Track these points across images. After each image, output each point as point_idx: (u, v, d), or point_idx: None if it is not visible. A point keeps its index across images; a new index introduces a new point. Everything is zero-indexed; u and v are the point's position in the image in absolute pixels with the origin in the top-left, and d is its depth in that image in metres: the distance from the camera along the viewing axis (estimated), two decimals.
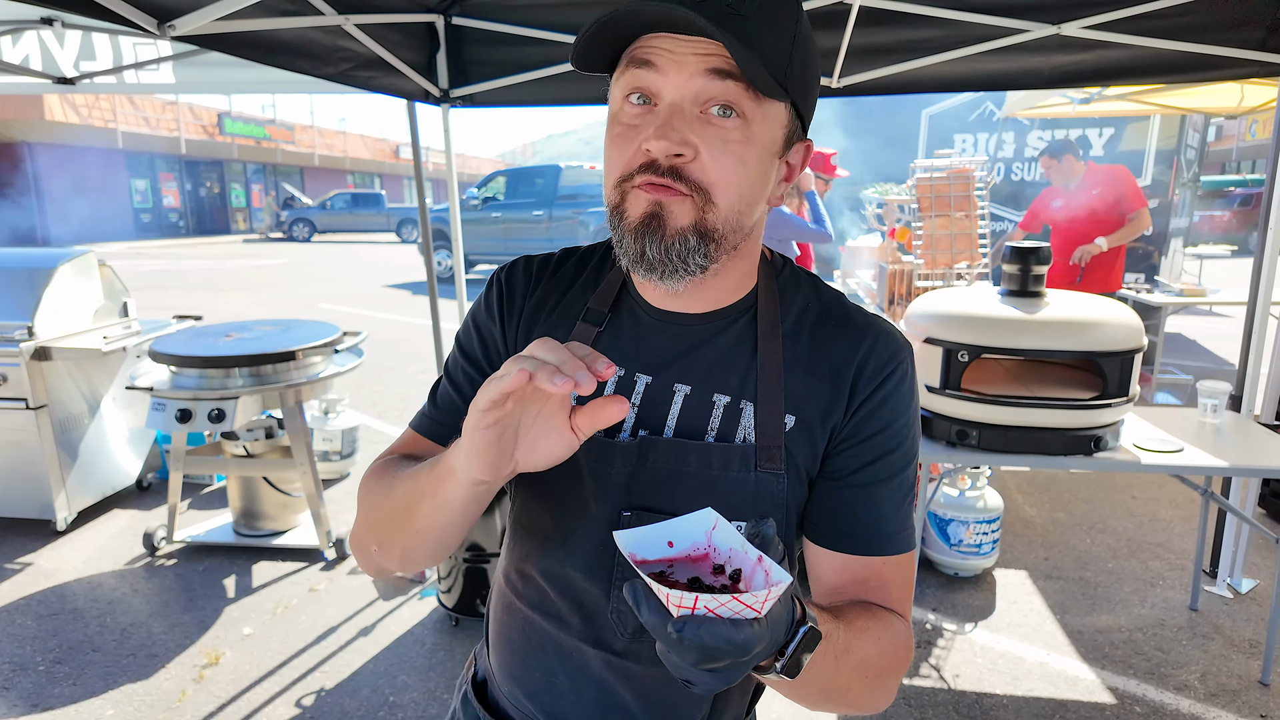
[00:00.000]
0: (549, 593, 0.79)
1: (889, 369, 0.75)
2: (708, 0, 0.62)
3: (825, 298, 0.80)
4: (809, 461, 0.75)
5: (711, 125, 0.65)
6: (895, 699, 2.38)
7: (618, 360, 0.75)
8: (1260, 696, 2.44)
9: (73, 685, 2.54)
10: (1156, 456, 2.40)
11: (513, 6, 2.86)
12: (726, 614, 0.48)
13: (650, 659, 0.76)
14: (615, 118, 0.68)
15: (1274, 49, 2.67)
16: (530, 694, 0.82)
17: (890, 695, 0.73)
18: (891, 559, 0.74)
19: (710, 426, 0.74)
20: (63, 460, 3.56)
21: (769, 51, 0.64)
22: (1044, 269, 2.52)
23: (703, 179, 0.65)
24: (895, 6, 2.62)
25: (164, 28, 1.57)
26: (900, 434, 0.75)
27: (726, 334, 0.77)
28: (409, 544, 0.73)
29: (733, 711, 0.83)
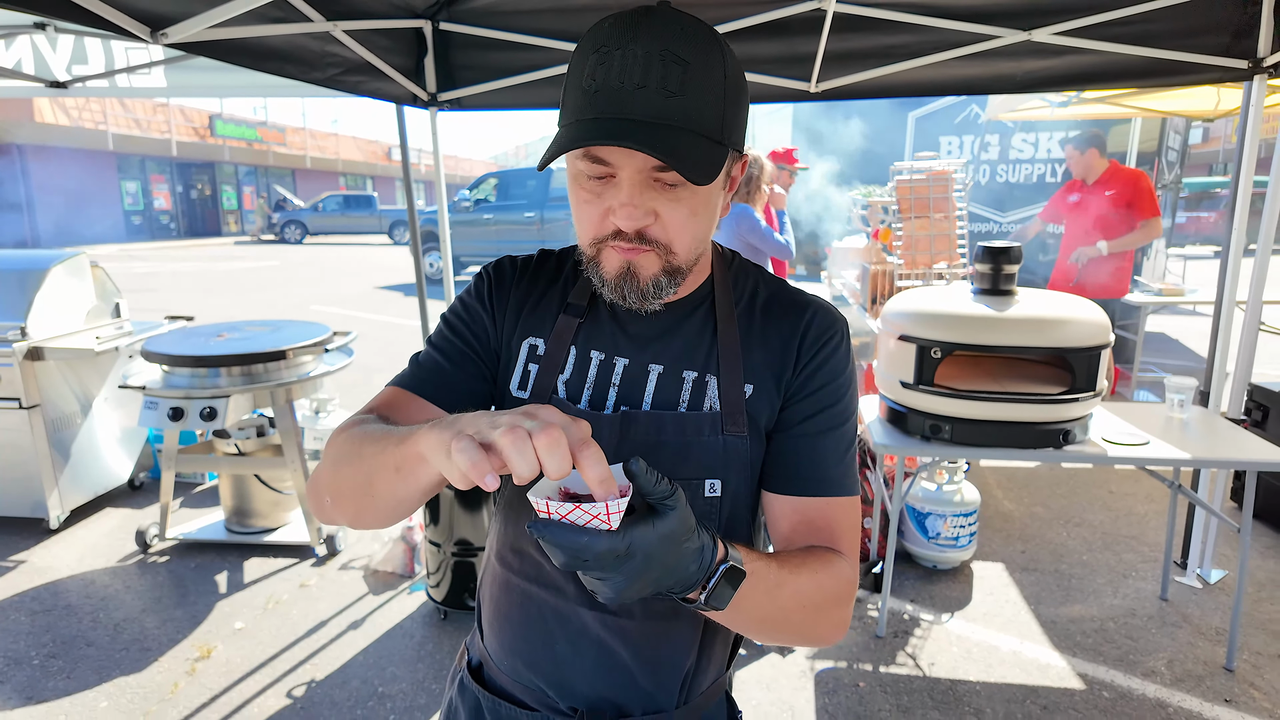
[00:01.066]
0: (544, 564, 0.87)
1: (828, 335, 0.88)
2: (647, 88, 0.70)
3: (770, 283, 0.93)
4: (769, 423, 0.86)
5: (665, 191, 0.76)
6: (871, 685, 2.46)
7: (598, 347, 0.88)
8: (1225, 681, 2.52)
9: (67, 679, 2.58)
10: (1123, 449, 2.48)
11: (499, 13, 2.92)
12: (579, 520, 0.59)
13: (643, 614, 0.85)
14: (578, 183, 0.78)
15: (1237, 55, 2.75)
16: (531, 664, 0.89)
17: (836, 627, 0.82)
18: (835, 500, 0.84)
19: (681, 399, 0.86)
20: (55, 459, 3.60)
21: (705, 119, 0.73)
22: (1015, 268, 2.59)
23: (663, 237, 0.77)
24: (870, 13, 2.69)
25: (157, 35, 1.62)
26: (839, 391, 0.87)
27: (691, 319, 0.88)
28: (364, 506, 0.77)
29: (716, 663, 0.93)
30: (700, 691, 0.91)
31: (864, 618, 2.91)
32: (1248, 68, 2.75)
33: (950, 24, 2.74)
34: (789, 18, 2.72)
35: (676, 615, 0.86)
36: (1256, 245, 2.71)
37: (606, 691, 0.87)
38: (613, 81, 0.70)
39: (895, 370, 2.58)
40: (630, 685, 0.87)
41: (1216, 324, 2.99)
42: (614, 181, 0.75)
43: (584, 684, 0.87)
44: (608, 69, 0.71)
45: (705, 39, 0.73)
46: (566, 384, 0.88)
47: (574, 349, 0.88)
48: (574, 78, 0.75)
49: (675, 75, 0.70)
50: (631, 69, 0.70)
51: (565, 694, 0.88)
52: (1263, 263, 2.89)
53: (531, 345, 0.90)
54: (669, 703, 0.89)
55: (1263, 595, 3.03)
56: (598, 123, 0.71)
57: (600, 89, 0.71)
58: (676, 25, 0.72)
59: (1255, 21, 2.69)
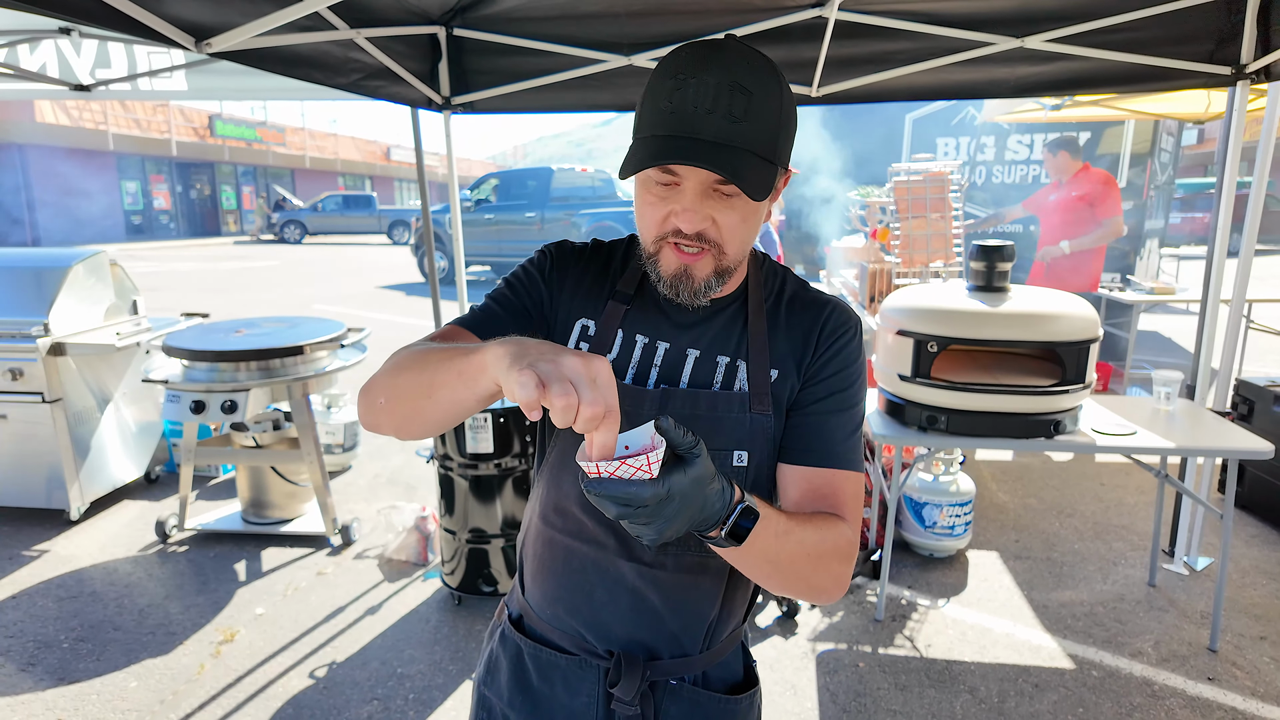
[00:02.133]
0: (586, 523, 0.97)
1: (843, 330, 0.99)
2: (715, 113, 0.81)
3: (795, 283, 1.05)
4: (789, 403, 0.98)
5: (722, 200, 0.87)
6: (870, 666, 2.57)
7: (643, 332, 1.00)
8: (1208, 661, 2.63)
9: (96, 660, 2.68)
10: (1111, 439, 2.59)
11: (511, 19, 3.02)
12: (624, 474, 0.68)
13: (674, 567, 0.96)
14: (646, 186, 0.89)
15: (1221, 61, 2.87)
16: (572, 611, 1.00)
17: (837, 581, 0.91)
18: (841, 473, 0.94)
19: (715, 380, 0.97)
20: (75, 453, 3.70)
21: (763, 143, 0.84)
22: (1008, 265, 2.70)
23: (718, 239, 0.89)
24: (869, 20, 2.80)
25: (201, 45, 1.73)
26: (850, 378, 0.99)
27: (725, 311, 1.00)
28: (419, 408, 0.85)
29: (735, 616, 1.05)
30: (721, 639, 1.03)
31: (863, 603, 3.02)
32: (1231, 73, 2.86)
33: (946, 31, 2.85)
34: (792, 25, 2.83)
35: (704, 569, 0.97)
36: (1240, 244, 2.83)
37: (639, 634, 0.98)
38: (687, 106, 0.81)
39: (893, 364, 2.69)
40: (660, 630, 0.98)
41: (1202, 321, 3.10)
42: (678, 188, 0.86)
43: (619, 627, 0.98)
44: (683, 94, 0.82)
45: (767, 72, 0.84)
46: (614, 361, 0.98)
47: (621, 332, 0.99)
48: (651, 97, 0.86)
49: (740, 103, 0.81)
50: (703, 96, 0.81)
51: (602, 637, 0.99)
52: (1246, 261, 3.01)
53: (584, 325, 1.01)
54: (694, 648, 1.00)
55: (1246, 581, 3.15)
56: (672, 140, 0.82)
57: (675, 111, 0.82)
58: (743, 60, 0.83)
59: (1238, 29, 2.81)
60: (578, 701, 1.00)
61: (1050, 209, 4.92)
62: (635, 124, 0.89)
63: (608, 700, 0.98)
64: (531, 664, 1.03)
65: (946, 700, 2.45)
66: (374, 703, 2.47)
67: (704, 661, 1.01)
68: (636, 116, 0.89)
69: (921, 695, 2.47)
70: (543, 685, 1.02)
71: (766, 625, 2.87)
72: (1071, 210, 4.73)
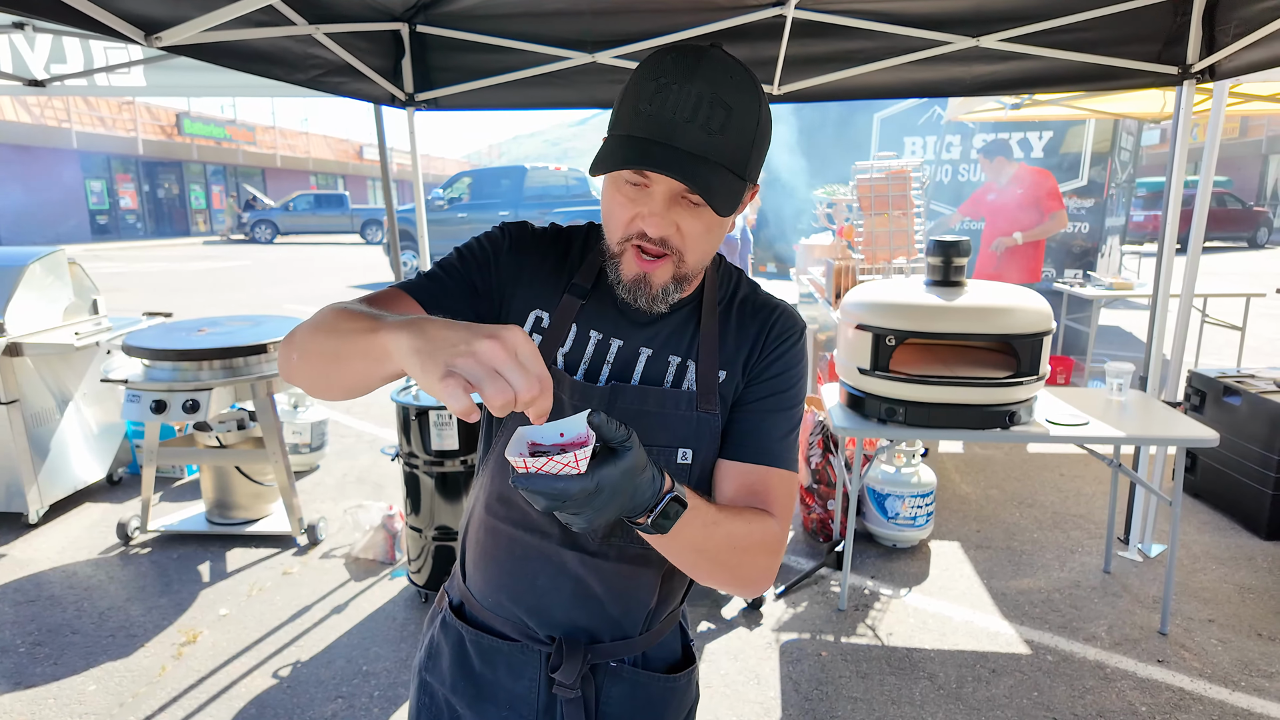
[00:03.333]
0: (529, 513, 0.97)
1: (788, 334, 1.02)
2: (694, 123, 0.81)
3: (748, 286, 1.07)
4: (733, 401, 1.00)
5: (690, 208, 0.87)
6: (833, 655, 2.61)
7: (597, 328, 0.99)
8: (1158, 644, 2.71)
9: (54, 665, 2.64)
10: (1064, 429, 2.66)
11: (474, 16, 3.02)
12: (553, 470, 0.69)
13: (617, 556, 0.98)
14: (616, 185, 0.89)
15: (1168, 61, 2.95)
16: (514, 598, 1.01)
17: (764, 573, 0.94)
18: (774, 470, 0.96)
19: (665, 378, 0.99)
20: (34, 455, 3.63)
21: (736, 158, 0.85)
22: (964, 260, 2.76)
23: (680, 246, 0.89)
24: (827, 19, 2.85)
25: (151, 39, 1.71)
26: (790, 380, 1.01)
27: (681, 312, 1.01)
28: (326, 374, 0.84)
29: (675, 598, 1.08)
30: (659, 621, 1.06)
31: (827, 593, 3.07)
32: (1177, 73, 2.95)
33: (903, 30, 2.90)
34: (751, 24, 2.86)
35: (646, 561, 0.99)
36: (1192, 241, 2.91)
37: (580, 620, 1.00)
38: (666, 112, 0.81)
39: (853, 358, 2.73)
40: (601, 615, 1.00)
41: (1153, 315, 3.18)
42: (648, 191, 0.87)
43: (561, 613, 1.00)
44: (663, 99, 0.82)
45: (749, 89, 0.85)
46: (565, 356, 0.99)
47: (575, 327, 0.99)
48: (631, 97, 0.85)
49: (719, 117, 0.82)
50: (683, 104, 0.81)
51: (544, 623, 1.00)
52: (1194, 256, 3.10)
53: (538, 317, 1.00)
54: (634, 630, 1.02)
55: (1197, 566, 3.24)
56: (648, 144, 0.82)
57: (654, 115, 0.82)
58: (727, 73, 0.83)
59: (1185, 30, 2.89)
60: (520, 685, 1.02)
61: (994, 208, 5.16)
62: (612, 119, 0.89)
63: (549, 684, 1.00)
64: (474, 650, 1.04)
65: (906, 687, 2.50)
66: (338, 700, 2.46)
67: (643, 643, 1.04)
68: (614, 112, 0.88)
69: (882, 682, 2.52)
70: (485, 670, 1.03)
71: (732, 616, 2.91)
72: (1018, 207, 4.98)
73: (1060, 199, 4.97)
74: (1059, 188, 5.07)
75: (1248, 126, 25.12)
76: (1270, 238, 19.79)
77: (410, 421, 2.88)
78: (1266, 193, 25.55)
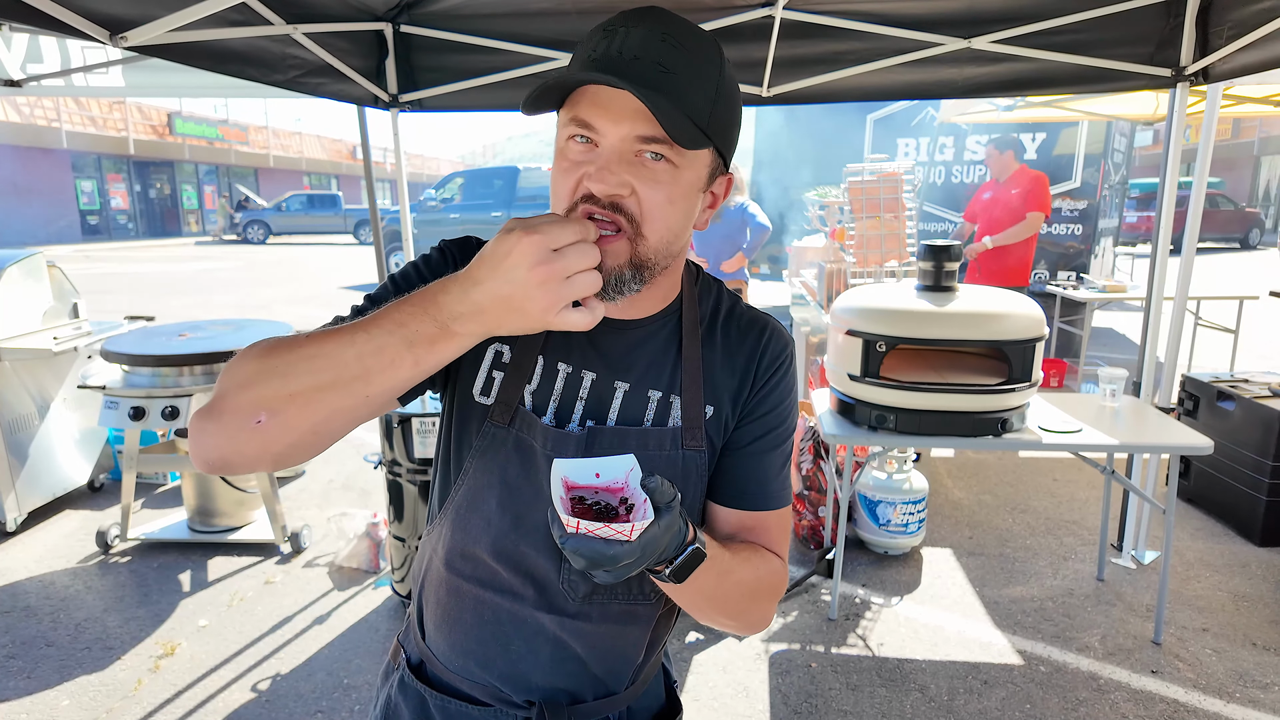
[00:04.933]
0: (500, 571, 0.88)
1: (780, 360, 0.93)
2: (642, 60, 0.73)
3: (728, 298, 0.96)
4: (723, 441, 0.92)
5: (645, 167, 0.75)
6: (822, 666, 2.57)
7: (565, 360, 0.88)
8: (1152, 654, 2.67)
9: (27, 679, 2.58)
10: (1057, 436, 2.62)
11: (459, 16, 2.97)
12: (605, 535, 0.67)
13: (599, 617, 0.89)
14: (562, 153, 0.78)
15: (1161, 63, 2.91)
16: (485, 664, 0.91)
17: (764, 618, 0.91)
18: (772, 512, 0.92)
19: (646, 416, 0.89)
20: (11, 461, 3.57)
21: (694, 104, 0.75)
22: (955, 265, 2.71)
23: (636, 213, 0.76)
24: (817, 20, 2.80)
25: (116, 39, 1.66)
26: (785, 412, 0.93)
27: (657, 337, 0.90)
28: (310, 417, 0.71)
29: (660, 647, 1.01)
30: (643, 673, 0.99)
31: (817, 602, 3.02)
32: (1171, 75, 2.91)
33: (894, 31, 2.87)
34: (740, 24, 2.82)
35: (632, 618, 0.92)
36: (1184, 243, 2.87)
37: (561, 682, 0.91)
38: (612, 52, 0.73)
39: (843, 364, 2.69)
40: (584, 676, 0.92)
41: (1146, 318, 3.15)
42: (595, 150, 0.76)
43: (539, 677, 0.91)
44: (609, 43, 0.74)
45: (706, 40, 0.77)
46: (534, 394, 0.88)
47: (541, 360, 0.88)
48: (579, 50, 0.78)
49: (670, 56, 0.73)
50: (633, 44, 0.73)
51: (520, 688, 0.91)
52: (1188, 260, 3.07)
53: (498, 351, 0.89)
54: (619, 687, 0.95)
55: (1191, 574, 3.21)
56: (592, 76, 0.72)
57: (599, 58, 0.74)
58: (681, 21, 0.76)
59: (1178, 32, 2.86)
60: None
61: (986, 206, 5.13)
62: None
63: None
64: (439, 715, 0.94)
65: (897, 699, 2.46)
66: (318, 715, 2.41)
67: (628, 697, 0.97)
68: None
69: (872, 695, 2.48)
70: None
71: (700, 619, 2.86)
72: (1006, 207, 4.93)
73: (1042, 201, 4.89)
74: (1049, 191, 5.02)
75: (1240, 128, 25.20)
76: (1263, 239, 19.84)
77: (393, 429, 2.82)
78: (1259, 194, 25.64)
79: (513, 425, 0.87)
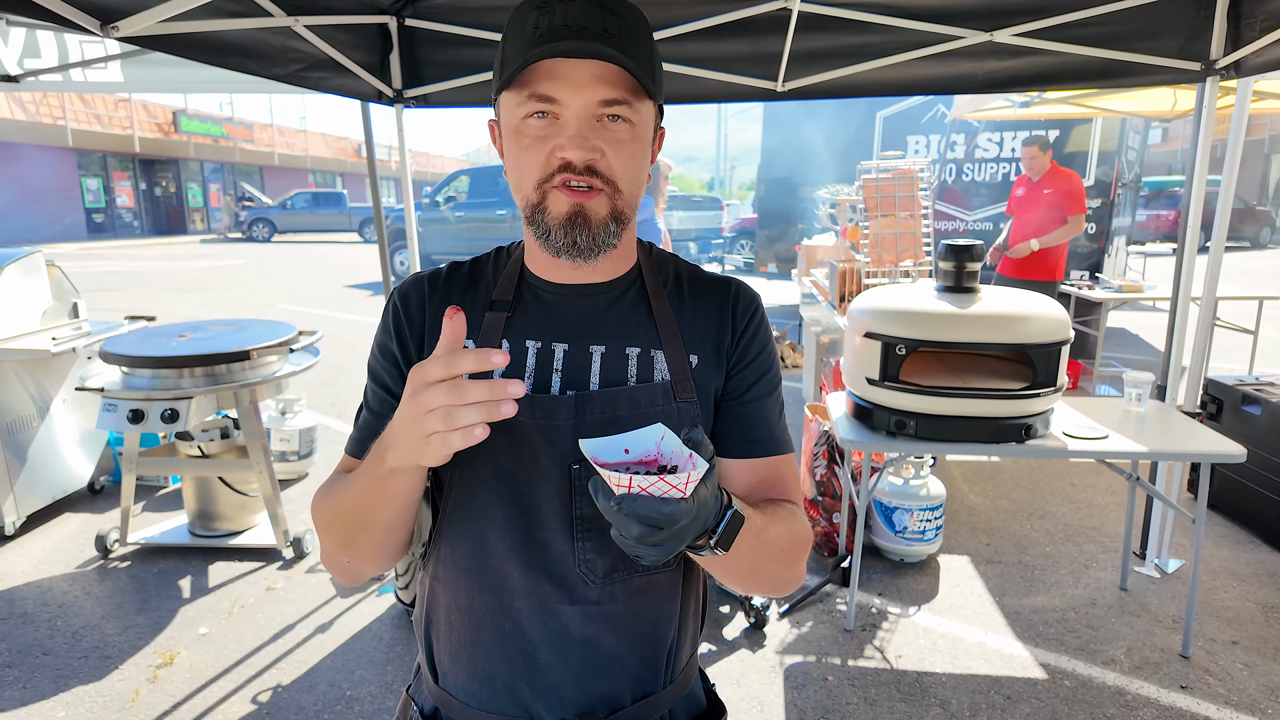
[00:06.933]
0: (511, 573, 0.84)
1: (753, 307, 0.94)
2: (588, 29, 0.74)
3: (687, 266, 0.97)
4: (716, 390, 0.90)
5: (609, 130, 0.79)
6: (839, 679, 2.48)
7: (533, 337, 0.87)
8: (1180, 668, 2.58)
9: (22, 689, 2.52)
10: (1083, 443, 2.53)
11: (465, 9, 2.89)
12: (657, 492, 0.61)
13: (624, 595, 0.86)
14: (521, 131, 0.80)
15: (1190, 57, 2.82)
16: (510, 686, 0.86)
17: (800, 574, 0.90)
18: (782, 457, 0.92)
19: (629, 375, 0.86)
20: (10, 463, 3.51)
21: (642, 66, 0.78)
22: (977, 265, 2.63)
23: (610, 174, 0.79)
24: (834, 13, 2.72)
25: (107, 29, 1.58)
26: (770, 357, 0.94)
27: (623, 300, 0.90)
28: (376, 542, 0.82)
29: (691, 636, 0.96)
30: (681, 667, 0.93)
31: (832, 611, 2.94)
32: (1200, 69, 2.82)
33: (913, 24, 2.78)
34: (755, 17, 2.73)
35: (653, 586, 0.87)
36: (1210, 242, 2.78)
37: (597, 687, 0.86)
38: (556, 24, 0.74)
39: (861, 367, 2.61)
40: (620, 675, 0.87)
41: (1172, 320, 3.06)
42: (558, 122, 0.78)
43: (572, 689, 0.86)
44: (550, 18, 0.75)
45: (632, 4, 0.80)
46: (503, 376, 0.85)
47: (506, 342, 0.87)
48: (514, 32, 0.78)
49: (614, 24, 0.76)
50: (574, 16, 0.75)
51: (553, 705, 0.86)
52: (1216, 260, 2.97)
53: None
54: (657, 684, 0.89)
55: (1217, 584, 3.12)
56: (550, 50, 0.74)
57: (545, 32, 0.75)
58: None
59: (1208, 24, 2.76)
60: None
61: (1020, 204, 5.21)
62: (500, 68, 0.80)
63: None
64: None
65: (917, 715, 2.37)
66: None
67: (669, 698, 0.91)
68: (499, 61, 0.81)
69: (891, 710, 2.40)
70: None
71: (734, 637, 2.78)
72: (1043, 207, 5.01)
73: (1082, 202, 4.96)
74: (1083, 190, 5.07)
75: (1251, 125, 24.98)
76: (1273, 238, 19.67)
77: None
78: (1269, 192, 25.43)
79: None
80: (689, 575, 0.93)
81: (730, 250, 15.79)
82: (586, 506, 0.83)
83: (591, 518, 0.83)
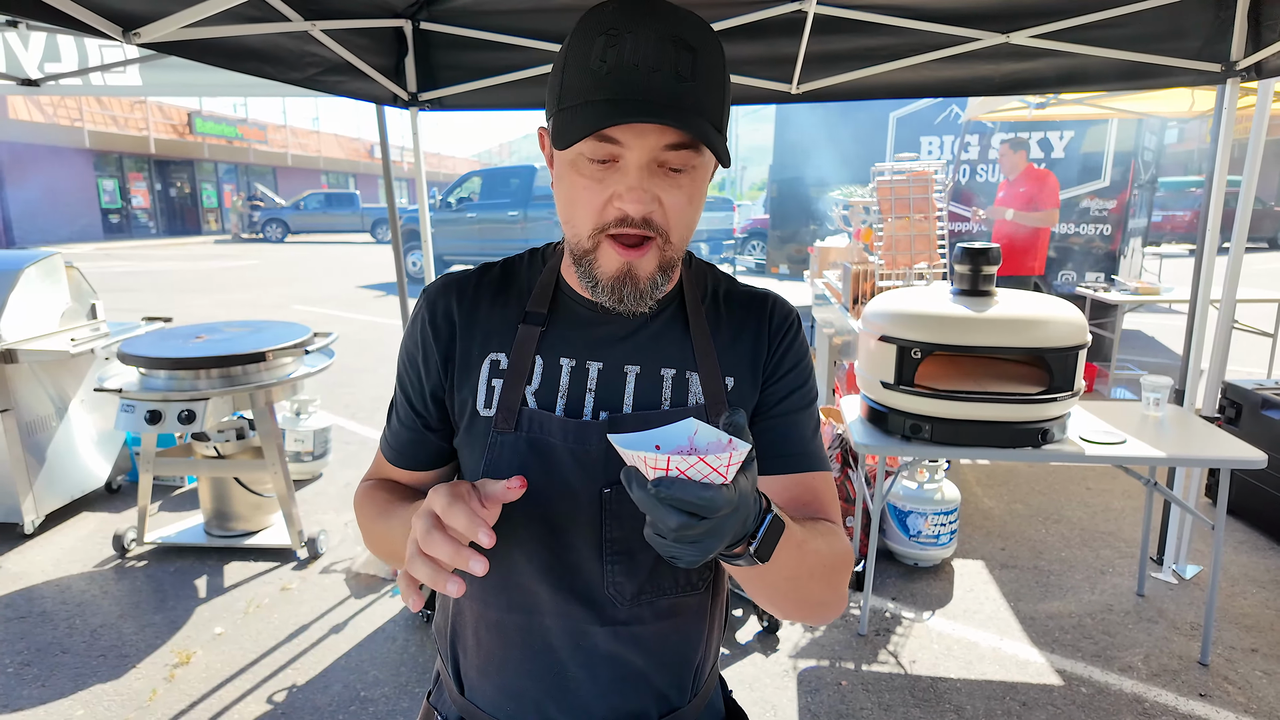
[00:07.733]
0: (541, 593, 0.84)
1: (789, 322, 0.92)
2: (661, 70, 0.70)
3: (724, 279, 0.95)
4: (750, 412, 0.88)
5: (668, 179, 0.75)
6: (853, 684, 2.47)
7: (567, 354, 0.85)
8: (1199, 676, 2.56)
9: (41, 687, 2.54)
10: (1100, 448, 2.51)
11: (480, 12, 2.90)
12: (696, 475, 0.57)
13: (652, 616, 0.85)
14: (576, 168, 0.75)
15: (1209, 58, 2.79)
16: (538, 703, 0.86)
17: (842, 597, 0.84)
18: (818, 474, 0.88)
19: (663, 397, 0.85)
20: (30, 463, 3.54)
21: (711, 109, 0.73)
22: (993, 269, 2.61)
23: (664, 224, 0.76)
24: (850, 15, 2.71)
25: (129, 35, 1.60)
26: (805, 371, 0.91)
27: (659, 317, 0.88)
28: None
29: (715, 650, 0.96)
30: (705, 679, 0.93)
31: (846, 616, 2.93)
32: (1221, 70, 2.79)
33: (929, 26, 2.76)
34: (770, 19, 2.72)
35: (681, 609, 0.87)
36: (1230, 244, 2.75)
37: (624, 705, 0.87)
38: (626, 62, 0.69)
39: (876, 370, 2.60)
40: (647, 692, 0.87)
41: (1191, 323, 3.03)
42: (617, 166, 0.74)
43: (600, 705, 0.86)
44: (619, 51, 0.70)
45: (706, 29, 0.75)
46: (536, 394, 0.85)
47: (540, 359, 0.85)
48: (577, 59, 0.72)
49: (687, 61, 0.71)
50: (646, 52, 0.69)
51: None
52: (1236, 262, 2.94)
53: (494, 361, 0.86)
54: (682, 699, 0.90)
55: (1236, 590, 3.08)
56: (618, 103, 0.69)
57: (613, 70, 0.70)
58: (679, 13, 0.73)
59: (1228, 25, 2.74)
60: None
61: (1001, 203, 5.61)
62: (559, 95, 0.74)
63: None
64: None
65: None
66: None
67: (693, 711, 0.91)
68: (558, 86, 0.75)
69: (906, 715, 2.38)
70: None
71: (747, 641, 2.78)
72: (1019, 204, 5.45)
73: (1055, 198, 5.37)
74: (1057, 187, 5.46)
75: (1270, 126, 24.71)
76: None
77: None
78: None
79: (520, 429, 0.83)
80: (715, 598, 0.92)
81: (741, 251, 15.75)
82: (616, 530, 0.82)
83: (620, 540, 0.82)
